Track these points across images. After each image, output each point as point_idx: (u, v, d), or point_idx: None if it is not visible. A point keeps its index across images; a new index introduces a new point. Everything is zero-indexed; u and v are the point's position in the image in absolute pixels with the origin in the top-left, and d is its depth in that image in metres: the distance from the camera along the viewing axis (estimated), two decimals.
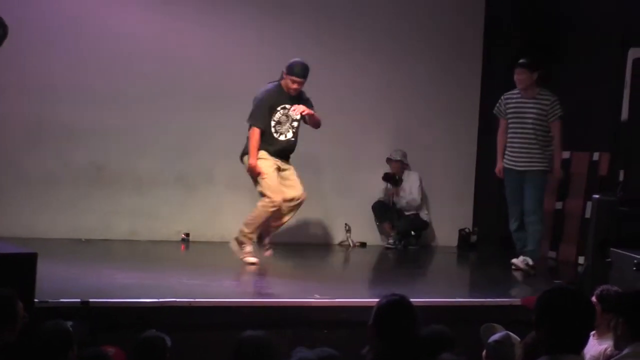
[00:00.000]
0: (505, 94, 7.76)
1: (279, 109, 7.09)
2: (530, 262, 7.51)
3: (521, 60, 7.57)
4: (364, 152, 9.15)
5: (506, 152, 7.66)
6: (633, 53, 7.29)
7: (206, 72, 8.54)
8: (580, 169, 8.53)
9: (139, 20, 8.34)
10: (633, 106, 7.15)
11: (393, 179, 8.98)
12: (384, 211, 9.05)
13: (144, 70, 8.32)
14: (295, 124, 7.15)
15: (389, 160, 9.05)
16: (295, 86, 7.04)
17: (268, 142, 7.09)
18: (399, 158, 9.01)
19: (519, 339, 3.88)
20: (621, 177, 7.47)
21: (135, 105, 8.30)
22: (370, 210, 9.05)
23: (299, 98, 7.14)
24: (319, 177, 8.90)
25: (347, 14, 9.03)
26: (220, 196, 8.64)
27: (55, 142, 8.08)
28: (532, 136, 7.50)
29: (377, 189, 9.12)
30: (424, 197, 9.20)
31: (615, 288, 4.64)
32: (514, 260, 7.58)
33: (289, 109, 7.09)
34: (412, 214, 9.06)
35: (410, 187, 9.07)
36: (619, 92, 7.57)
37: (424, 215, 9.15)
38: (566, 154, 8.68)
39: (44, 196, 8.02)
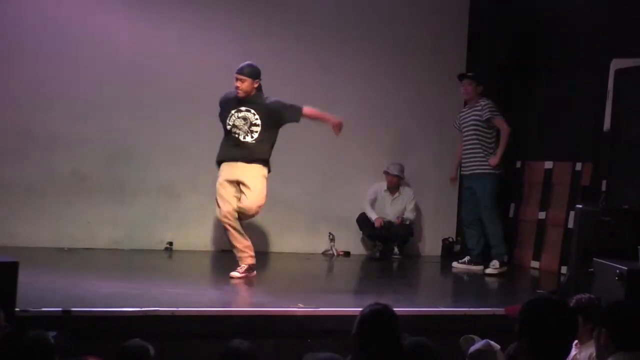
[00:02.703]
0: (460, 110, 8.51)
1: (232, 112, 6.91)
2: (497, 265, 8.09)
3: (469, 73, 8.37)
4: (348, 162, 9.16)
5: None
6: (615, 64, 7.32)
7: (191, 82, 8.54)
8: (563, 179, 8.57)
9: (124, 30, 8.34)
10: (615, 117, 7.18)
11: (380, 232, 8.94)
12: (369, 224, 9.01)
13: (128, 80, 8.32)
14: (254, 128, 6.90)
15: (386, 173, 9.04)
16: (236, 84, 6.85)
17: (227, 148, 6.93)
18: (396, 173, 9.01)
19: (498, 346, 3.89)
20: (604, 187, 7.50)
21: (118, 115, 8.29)
22: (354, 219, 9.05)
23: (251, 102, 6.90)
24: (304, 186, 8.91)
25: (331, 27, 9.07)
26: (204, 205, 8.60)
27: (38, 151, 8.06)
28: (471, 141, 8.24)
29: (361, 199, 9.12)
30: (418, 213, 9.24)
31: (587, 295, 4.67)
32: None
33: (244, 111, 6.89)
34: (409, 222, 9.06)
35: (405, 205, 9.08)
36: (602, 102, 7.61)
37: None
38: (549, 164, 8.75)
39: (27, 205, 7.99)
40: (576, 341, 4.32)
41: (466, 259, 8.38)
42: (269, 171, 6.97)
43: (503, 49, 9.08)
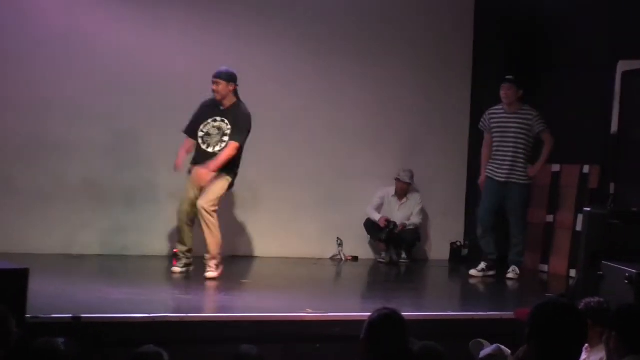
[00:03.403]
0: (489, 109, 8.24)
1: (209, 120, 7.13)
2: (517, 270, 8.02)
3: (509, 77, 8.05)
4: (355, 166, 9.16)
5: (489, 163, 8.16)
6: (622, 66, 7.32)
7: (199, 89, 8.52)
8: (571, 181, 8.56)
9: (132, 36, 8.35)
10: (622, 119, 7.17)
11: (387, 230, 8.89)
12: (377, 228, 9.00)
13: (137, 87, 8.34)
14: (225, 138, 7.07)
15: (397, 180, 9.04)
16: (213, 87, 7.06)
17: (196, 153, 7.17)
18: (407, 181, 9.01)
19: (509, 351, 3.89)
20: (612, 190, 7.49)
21: (127, 121, 8.31)
22: (362, 223, 9.05)
23: (228, 112, 7.09)
24: (311, 191, 8.91)
25: (337, 31, 9.06)
26: None
27: (47, 158, 8.07)
28: (514, 149, 8.00)
29: (369, 203, 9.12)
30: (424, 217, 9.23)
31: (597, 299, 4.66)
32: (472, 271, 8.13)
33: (219, 121, 7.10)
34: (413, 226, 9.06)
35: (412, 210, 9.08)
36: (609, 104, 7.60)
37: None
38: (556, 167, 8.74)
39: (36, 212, 8.01)
40: (586, 345, 4.32)
41: (483, 265, 8.10)
42: (233, 180, 7.12)
43: (509, 51, 9.07)
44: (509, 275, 7.98)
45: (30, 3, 8.06)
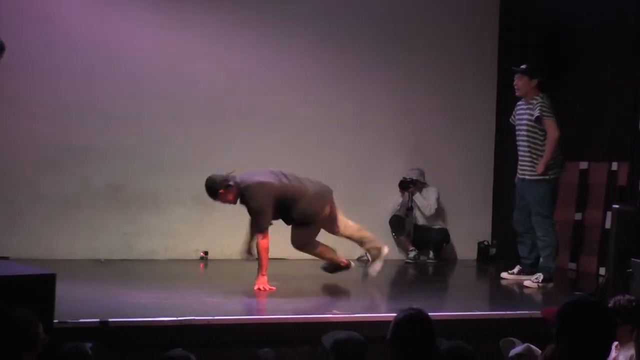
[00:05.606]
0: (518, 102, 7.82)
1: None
2: (541, 278, 7.41)
3: (521, 67, 7.58)
4: (380, 166, 9.14)
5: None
6: None
7: (222, 91, 8.58)
8: (599, 179, 8.48)
9: (154, 41, 8.40)
10: None
11: (403, 184, 8.97)
12: (401, 225, 9.02)
13: (160, 90, 8.38)
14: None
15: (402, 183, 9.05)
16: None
17: None
18: (415, 177, 8.99)
19: (539, 351, 3.85)
20: None
21: (151, 125, 8.34)
22: (387, 225, 9.04)
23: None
24: (335, 192, 8.87)
25: (360, 31, 9.04)
26: (238, 214, 8.59)
27: (72, 164, 8.13)
28: (522, 142, 7.51)
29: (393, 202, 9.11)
30: (440, 210, 9.19)
31: (627, 297, 4.61)
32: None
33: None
34: (439, 227, 9.05)
35: (428, 199, 9.07)
36: (636, 100, 7.52)
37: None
38: (584, 165, 8.65)
39: (62, 217, 8.06)
40: (616, 343, 4.28)
41: (516, 269, 7.74)
42: None
43: (535, 48, 9.00)
44: (526, 283, 7.46)
45: (56, 11, 8.12)
